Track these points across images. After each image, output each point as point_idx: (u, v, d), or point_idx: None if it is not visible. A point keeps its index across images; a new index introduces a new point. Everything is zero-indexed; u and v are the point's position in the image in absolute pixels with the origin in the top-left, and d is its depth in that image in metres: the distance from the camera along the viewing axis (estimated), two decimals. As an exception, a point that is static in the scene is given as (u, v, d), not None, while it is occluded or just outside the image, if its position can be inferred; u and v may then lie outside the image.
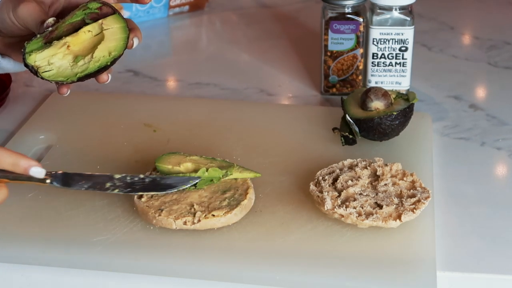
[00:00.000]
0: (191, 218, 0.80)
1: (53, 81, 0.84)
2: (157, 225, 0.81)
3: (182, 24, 1.44)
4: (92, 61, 0.85)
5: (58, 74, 0.85)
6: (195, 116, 1.05)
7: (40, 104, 1.10)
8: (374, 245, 0.79)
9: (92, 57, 0.85)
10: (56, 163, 0.95)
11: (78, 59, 0.85)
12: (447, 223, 0.85)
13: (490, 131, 1.04)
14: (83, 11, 0.86)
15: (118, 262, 0.79)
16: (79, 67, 0.85)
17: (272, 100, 1.15)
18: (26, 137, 1.01)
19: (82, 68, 0.85)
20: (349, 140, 0.96)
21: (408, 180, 0.86)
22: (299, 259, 0.78)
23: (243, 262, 0.78)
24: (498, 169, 0.98)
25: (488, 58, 1.26)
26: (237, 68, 1.26)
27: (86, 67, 0.85)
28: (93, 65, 0.85)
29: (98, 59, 0.85)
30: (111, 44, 0.86)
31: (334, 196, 0.83)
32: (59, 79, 0.84)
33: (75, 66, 0.85)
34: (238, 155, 0.95)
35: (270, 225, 0.82)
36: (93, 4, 0.86)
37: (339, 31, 1.09)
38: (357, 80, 1.12)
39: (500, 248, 0.81)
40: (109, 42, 0.86)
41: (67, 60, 0.85)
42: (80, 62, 0.85)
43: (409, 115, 0.96)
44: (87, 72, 0.85)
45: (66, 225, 0.83)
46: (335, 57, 1.11)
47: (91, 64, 0.85)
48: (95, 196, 0.88)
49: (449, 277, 0.78)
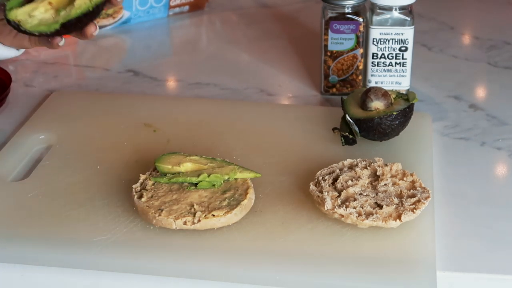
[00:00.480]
0: (191, 218, 0.80)
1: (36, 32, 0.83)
2: (157, 225, 0.81)
3: (182, 24, 1.44)
4: (73, 9, 0.84)
5: (39, 24, 0.84)
6: (195, 116, 1.05)
7: (40, 104, 1.10)
8: (374, 245, 0.79)
9: (73, 5, 0.84)
10: (56, 163, 0.95)
11: (60, 11, 0.84)
12: (447, 223, 0.85)
13: (490, 131, 1.04)
14: None
15: (118, 262, 0.79)
16: (61, 17, 0.84)
17: (272, 100, 1.15)
18: (26, 137, 1.01)
19: (64, 16, 0.84)
20: (349, 140, 0.96)
21: (408, 180, 0.86)
22: (299, 259, 0.78)
23: (243, 262, 0.78)
24: (498, 169, 0.98)
25: (488, 58, 1.26)
26: (237, 68, 1.26)
27: (68, 14, 0.84)
28: (74, 12, 0.84)
29: (80, 5, 0.84)
30: None
31: (334, 196, 0.83)
32: (42, 29, 0.84)
33: (57, 17, 0.84)
34: (238, 155, 0.95)
35: (270, 225, 0.82)
36: None
37: (339, 31, 1.09)
38: (357, 80, 1.12)
39: (500, 248, 0.81)
40: None
41: (49, 13, 0.84)
42: (62, 13, 0.84)
43: (409, 115, 0.96)
44: (69, 18, 0.84)
45: (66, 225, 0.83)
46: (335, 57, 1.11)
47: (72, 12, 0.84)
48: (95, 196, 0.88)
49: (449, 277, 0.78)
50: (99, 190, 0.89)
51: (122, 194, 0.88)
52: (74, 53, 1.32)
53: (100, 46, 1.34)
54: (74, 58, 1.30)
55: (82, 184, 0.90)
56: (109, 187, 0.89)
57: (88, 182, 0.91)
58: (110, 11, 1.36)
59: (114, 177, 0.91)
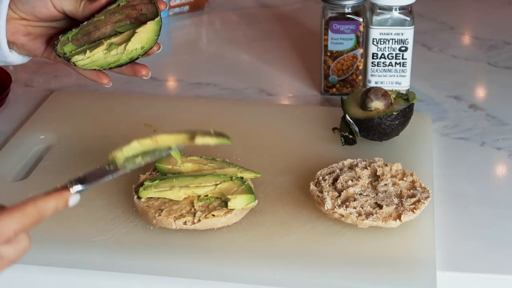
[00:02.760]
0: (191, 218, 0.80)
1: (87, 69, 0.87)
2: (157, 225, 0.81)
3: (182, 24, 1.44)
4: (124, 53, 0.87)
5: (92, 63, 0.87)
6: (195, 116, 1.05)
7: (40, 104, 1.10)
8: (374, 245, 0.79)
9: (125, 48, 0.87)
10: (56, 163, 0.95)
11: (111, 48, 0.87)
12: (447, 223, 0.85)
13: (490, 131, 1.04)
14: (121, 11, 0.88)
15: (118, 262, 0.79)
16: (112, 56, 0.87)
17: (272, 100, 1.15)
18: (26, 137, 1.01)
19: (115, 58, 0.87)
20: (349, 140, 0.96)
21: (408, 180, 0.86)
22: (299, 259, 0.78)
23: (243, 262, 0.78)
24: (498, 169, 0.98)
25: (488, 58, 1.26)
26: (237, 68, 1.26)
27: (119, 57, 0.87)
28: (125, 57, 0.87)
29: (131, 51, 0.87)
30: (144, 36, 0.87)
31: (334, 196, 0.83)
32: (93, 67, 0.87)
33: (108, 55, 0.87)
34: (238, 155, 0.95)
35: (270, 225, 0.82)
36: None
37: (339, 31, 1.09)
38: (357, 80, 1.12)
39: (500, 248, 0.81)
40: (142, 34, 0.87)
41: (101, 49, 0.87)
42: (113, 52, 0.87)
43: (409, 115, 0.96)
44: (119, 63, 0.87)
45: (66, 225, 0.83)
46: (335, 57, 1.11)
47: (123, 56, 0.87)
48: (95, 196, 0.88)
49: (449, 277, 0.78)
50: (99, 190, 0.89)
51: (122, 194, 0.88)
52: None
53: (100, 46, 1.34)
54: (74, 58, 1.30)
55: (82, 184, 0.90)
56: (109, 187, 0.89)
57: (88, 182, 0.91)
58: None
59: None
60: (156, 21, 0.87)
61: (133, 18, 0.89)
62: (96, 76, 0.88)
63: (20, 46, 0.89)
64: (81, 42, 0.88)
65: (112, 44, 0.87)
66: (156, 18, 0.87)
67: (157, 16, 0.87)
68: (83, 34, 0.88)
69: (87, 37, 0.88)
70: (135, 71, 0.88)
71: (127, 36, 0.88)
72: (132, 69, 0.88)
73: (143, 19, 0.89)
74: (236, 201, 0.81)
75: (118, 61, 0.87)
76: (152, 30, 0.87)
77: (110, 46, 0.87)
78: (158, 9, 0.88)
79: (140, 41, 0.87)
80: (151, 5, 0.88)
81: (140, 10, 0.89)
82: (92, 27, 0.88)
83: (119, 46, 0.87)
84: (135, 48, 0.87)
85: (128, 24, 0.89)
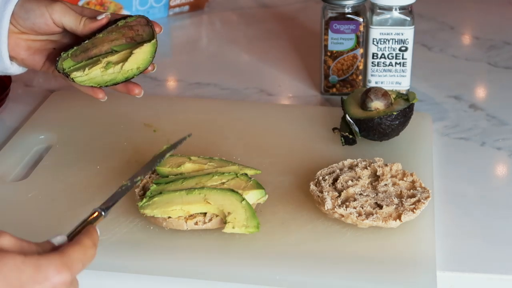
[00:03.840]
0: (202, 218, 0.80)
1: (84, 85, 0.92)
2: (167, 227, 0.80)
3: (182, 24, 1.44)
4: (121, 72, 0.92)
5: (89, 80, 0.92)
6: (195, 116, 1.05)
7: (40, 104, 1.10)
8: (374, 245, 0.79)
9: (121, 68, 0.92)
10: (56, 163, 0.95)
11: (108, 66, 0.92)
12: (447, 223, 0.85)
13: (490, 131, 1.04)
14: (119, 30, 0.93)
15: (118, 262, 0.79)
16: (109, 75, 0.92)
17: (272, 100, 1.15)
18: (26, 137, 1.01)
19: (111, 77, 0.92)
20: (349, 140, 0.96)
21: (408, 180, 0.86)
22: (299, 259, 0.78)
23: (243, 262, 0.78)
24: (498, 169, 0.98)
25: (488, 58, 1.26)
26: (237, 68, 1.26)
27: (115, 76, 0.92)
28: (121, 76, 0.92)
29: (127, 71, 0.92)
30: (140, 57, 0.92)
31: (334, 196, 0.83)
32: (91, 84, 0.91)
33: (105, 73, 0.92)
34: (238, 155, 0.95)
35: (270, 225, 0.82)
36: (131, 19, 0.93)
37: (339, 31, 1.09)
38: (357, 80, 1.12)
39: (500, 248, 0.81)
40: (139, 55, 0.92)
41: (99, 67, 0.92)
42: (110, 70, 0.92)
43: (409, 115, 0.96)
44: (115, 81, 0.92)
45: (66, 225, 0.83)
46: (335, 57, 1.11)
47: (119, 75, 0.92)
48: (95, 196, 0.88)
49: (449, 277, 0.78)
50: (99, 190, 0.89)
51: (122, 194, 0.88)
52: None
53: (100, 46, 1.34)
54: (74, 58, 1.30)
55: (82, 184, 0.90)
56: (109, 187, 0.89)
57: (88, 182, 0.91)
58: (110, 11, 1.36)
59: (114, 177, 0.91)
60: (152, 43, 0.93)
61: (130, 38, 0.94)
62: (91, 91, 0.92)
63: (20, 60, 0.92)
64: (79, 58, 0.92)
65: (110, 62, 0.92)
66: (153, 41, 0.92)
67: (153, 38, 0.92)
68: (81, 51, 0.92)
69: (85, 54, 0.92)
70: (129, 90, 0.93)
71: (124, 55, 0.92)
72: (126, 87, 0.92)
73: (139, 39, 0.94)
74: (249, 196, 0.81)
75: (114, 79, 0.92)
76: (148, 52, 0.92)
77: (107, 65, 0.91)
78: (155, 32, 0.93)
79: (136, 61, 0.92)
80: (147, 27, 0.93)
81: (137, 31, 0.94)
82: (90, 44, 0.92)
83: (116, 65, 0.92)
84: (131, 68, 0.92)
85: (124, 44, 0.94)
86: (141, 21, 0.93)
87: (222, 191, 0.81)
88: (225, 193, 0.81)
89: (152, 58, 0.93)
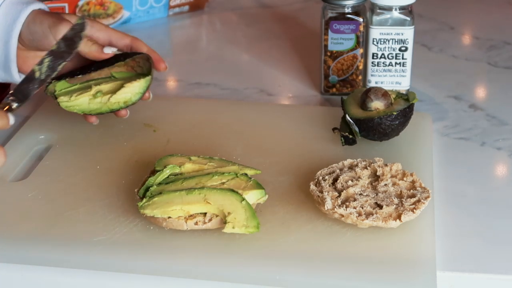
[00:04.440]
0: (202, 218, 0.80)
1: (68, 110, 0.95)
2: (167, 227, 0.81)
3: (182, 24, 1.44)
4: (107, 104, 0.95)
5: (74, 106, 0.95)
6: (195, 116, 1.05)
7: (40, 104, 1.10)
8: (374, 245, 0.79)
9: (109, 99, 0.95)
10: (56, 163, 0.95)
11: (97, 96, 0.95)
12: (447, 223, 0.85)
13: (490, 131, 1.04)
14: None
15: (118, 262, 0.79)
16: (95, 103, 0.95)
17: (272, 100, 1.15)
18: (26, 137, 1.01)
19: (97, 106, 0.95)
20: (349, 140, 0.96)
21: (408, 180, 0.86)
22: (299, 259, 0.78)
23: (243, 262, 0.78)
24: (498, 169, 0.98)
25: (488, 58, 1.26)
26: (237, 68, 1.26)
27: (100, 107, 0.95)
28: (106, 108, 0.95)
29: (113, 103, 0.95)
30: (130, 91, 0.95)
31: (334, 196, 0.83)
32: (75, 111, 0.95)
33: (92, 101, 0.95)
34: (238, 155, 0.95)
35: (270, 225, 0.82)
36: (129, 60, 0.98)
37: (339, 31, 1.09)
38: (357, 80, 1.12)
39: (500, 248, 0.81)
40: (129, 89, 0.95)
41: (87, 94, 0.95)
42: (97, 100, 0.95)
43: (409, 115, 0.96)
44: (99, 111, 0.95)
45: (66, 225, 0.83)
46: (335, 57, 1.11)
47: (105, 106, 0.95)
48: (95, 196, 0.88)
49: (449, 277, 0.78)
50: (99, 190, 0.89)
51: (122, 194, 0.88)
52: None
53: (100, 46, 1.34)
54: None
55: (82, 184, 0.90)
56: (109, 187, 0.89)
57: (88, 182, 0.91)
58: (110, 11, 1.36)
59: (114, 177, 0.91)
60: (147, 79, 0.96)
61: (130, 67, 0.97)
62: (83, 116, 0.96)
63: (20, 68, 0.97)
64: (74, 81, 0.96)
65: (99, 92, 0.95)
66: (148, 77, 0.95)
67: (148, 75, 0.95)
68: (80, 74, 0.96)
69: (83, 76, 0.96)
70: (115, 113, 0.97)
71: (115, 86, 0.95)
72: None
73: (139, 70, 0.98)
74: (249, 196, 0.81)
75: (99, 109, 0.95)
76: (140, 87, 0.95)
77: (96, 94, 0.94)
78: (152, 69, 0.96)
79: (124, 96, 0.95)
80: (148, 62, 0.96)
81: (138, 62, 0.97)
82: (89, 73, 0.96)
83: (104, 95, 0.94)
84: (118, 101, 0.95)
85: (124, 72, 0.97)
86: (144, 56, 0.96)
87: (222, 191, 0.81)
88: (225, 193, 0.81)
89: (142, 94, 0.96)
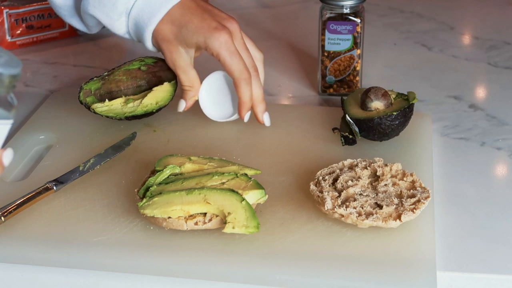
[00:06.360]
0: (202, 218, 0.80)
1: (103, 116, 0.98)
2: (167, 228, 0.81)
3: (182, 24, 1.44)
4: (140, 106, 0.98)
5: (109, 111, 0.98)
6: (195, 116, 1.05)
7: (40, 104, 1.10)
8: (374, 245, 0.79)
9: (141, 102, 0.98)
10: (56, 163, 0.95)
11: (128, 101, 0.98)
12: (447, 223, 0.85)
13: (490, 131, 1.04)
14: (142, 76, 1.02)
15: (118, 262, 0.79)
16: (128, 108, 0.98)
17: (272, 100, 1.15)
18: (26, 137, 1.01)
19: (131, 109, 0.98)
20: (349, 140, 0.96)
21: (408, 180, 0.86)
22: (299, 259, 0.78)
23: (243, 262, 0.78)
24: (498, 169, 0.98)
25: (488, 58, 1.26)
26: (237, 68, 1.25)
27: (134, 109, 0.98)
28: (140, 109, 0.98)
29: (146, 105, 0.98)
30: (160, 94, 0.99)
31: (334, 196, 0.83)
32: (110, 115, 0.98)
33: (125, 107, 0.98)
34: (238, 155, 0.95)
35: (270, 225, 0.82)
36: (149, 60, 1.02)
37: (336, 31, 1.08)
38: (354, 81, 1.12)
39: (500, 248, 0.81)
40: (158, 92, 0.99)
41: (119, 101, 0.98)
42: (130, 104, 0.98)
43: (409, 115, 0.96)
44: (134, 113, 0.98)
45: (66, 225, 0.83)
46: (332, 58, 1.11)
47: (139, 108, 0.98)
48: (95, 196, 0.88)
49: (449, 277, 0.78)
50: (99, 190, 0.89)
51: (122, 194, 0.88)
52: (74, 53, 1.32)
53: (100, 46, 1.34)
54: (74, 58, 1.30)
55: (82, 184, 0.90)
56: (109, 187, 0.89)
57: (88, 182, 0.91)
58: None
59: (114, 177, 0.91)
60: (172, 83, 1.00)
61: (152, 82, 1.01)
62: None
63: None
64: (103, 98, 0.99)
65: (130, 99, 0.98)
66: (172, 81, 0.99)
67: (173, 79, 1.00)
68: (106, 92, 1.00)
69: (109, 95, 1.00)
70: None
71: (145, 94, 0.99)
72: None
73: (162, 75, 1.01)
74: (249, 197, 0.81)
75: (134, 112, 0.98)
76: (168, 91, 0.99)
77: (127, 100, 0.98)
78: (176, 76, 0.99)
79: (155, 97, 0.98)
80: (169, 72, 1.00)
81: (160, 77, 1.01)
82: (114, 86, 1.00)
83: (136, 100, 0.98)
84: (150, 103, 0.98)
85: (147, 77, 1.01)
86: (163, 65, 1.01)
87: (222, 191, 0.81)
88: (225, 193, 0.81)
89: (172, 97, 1.00)
